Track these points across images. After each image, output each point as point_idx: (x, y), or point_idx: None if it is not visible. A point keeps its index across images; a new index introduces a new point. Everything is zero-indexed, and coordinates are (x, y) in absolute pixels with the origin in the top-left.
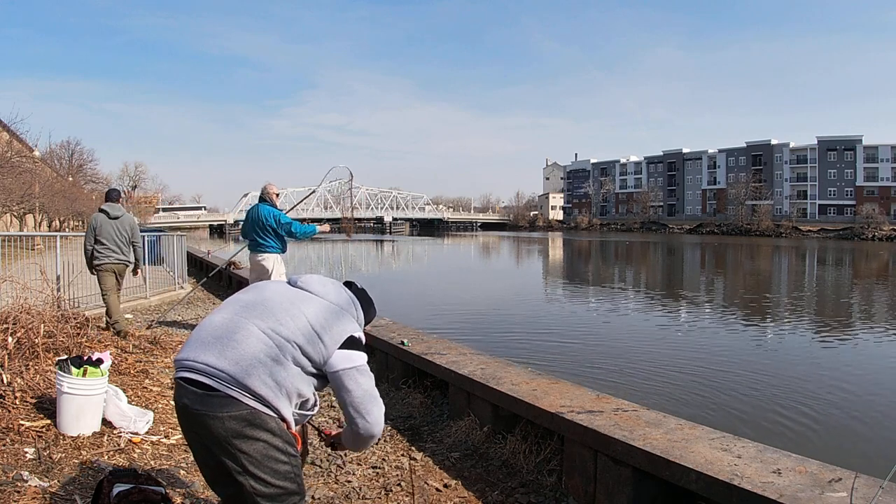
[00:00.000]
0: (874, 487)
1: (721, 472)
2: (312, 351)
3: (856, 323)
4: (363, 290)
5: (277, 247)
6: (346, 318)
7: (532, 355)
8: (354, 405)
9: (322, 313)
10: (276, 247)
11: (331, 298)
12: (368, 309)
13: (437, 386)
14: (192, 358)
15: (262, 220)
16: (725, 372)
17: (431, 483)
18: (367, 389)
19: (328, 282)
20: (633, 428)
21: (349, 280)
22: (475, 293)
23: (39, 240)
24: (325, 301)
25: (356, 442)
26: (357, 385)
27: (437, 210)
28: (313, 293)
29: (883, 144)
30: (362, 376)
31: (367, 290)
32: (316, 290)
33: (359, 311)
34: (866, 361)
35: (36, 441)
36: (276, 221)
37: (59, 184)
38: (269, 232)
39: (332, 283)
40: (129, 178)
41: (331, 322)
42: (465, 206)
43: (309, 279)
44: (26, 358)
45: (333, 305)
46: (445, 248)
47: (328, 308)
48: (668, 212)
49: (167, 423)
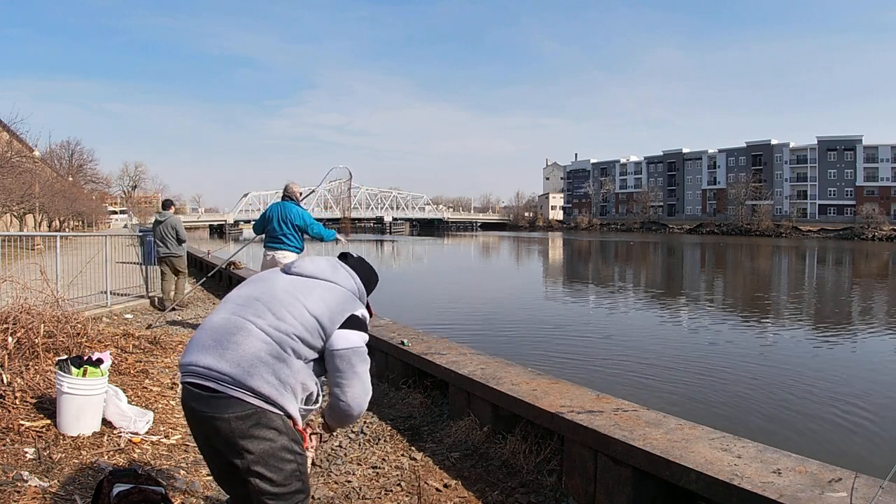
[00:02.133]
0: (874, 487)
1: (721, 472)
2: (313, 339)
3: (855, 323)
4: (360, 258)
5: (301, 246)
6: (346, 297)
7: (532, 355)
8: (342, 384)
9: (322, 298)
10: (299, 247)
11: (329, 278)
12: (370, 276)
13: (437, 386)
14: (194, 362)
15: (291, 219)
16: (725, 372)
17: (431, 483)
18: (360, 374)
19: (323, 261)
20: (633, 428)
21: (343, 252)
22: (475, 293)
23: (39, 240)
24: (324, 282)
25: (333, 415)
26: (351, 367)
27: (437, 210)
28: (310, 277)
29: (883, 144)
30: (358, 359)
31: (364, 258)
32: (313, 272)
33: (358, 284)
34: (866, 361)
35: (36, 441)
36: (306, 222)
37: (59, 184)
38: (295, 230)
39: (328, 261)
40: (129, 178)
41: (330, 304)
42: (465, 206)
43: (301, 264)
44: (26, 358)
45: (332, 285)
46: (445, 248)
47: (328, 290)
48: (668, 212)
49: (167, 423)
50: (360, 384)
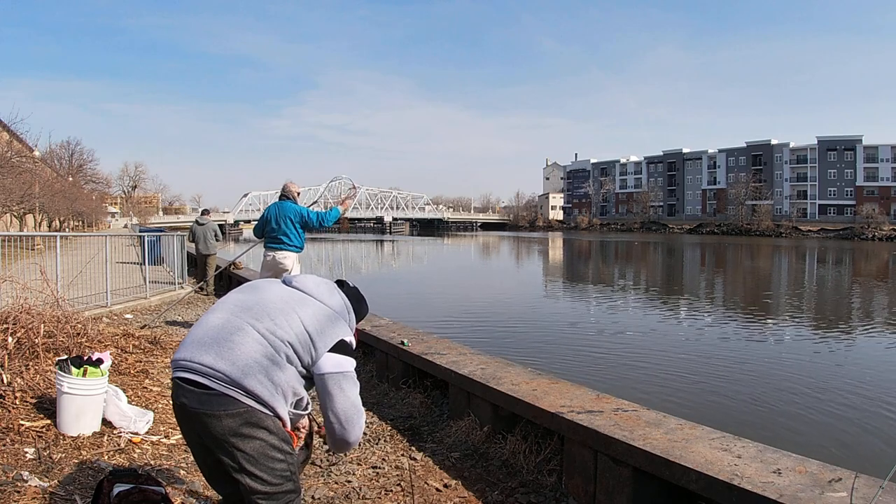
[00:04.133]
0: (874, 487)
1: (721, 472)
2: (304, 353)
3: (855, 322)
4: (355, 288)
5: (301, 245)
6: (339, 322)
7: (532, 355)
8: (335, 412)
9: (316, 316)
10: (299, 246)
11: (325, 301)
12: (360, 308)
13: (437, 386)
14: (190, 358)
15: (289, 216)
16: (726, 371)
17: (431, 483)
18: (350, 397)
19: (322, 283)
20: (634, 428)
21: (340, 279)
22: (475, 293)
23: (39, 240)
24: (319, 303)
25: (332, 442)
26: (341, 391)
27: (437, 210)
28: (308, 294)
29: (883, 144)
30: (347, 383)
31: (358, 289)
32: (311, 291)
33: (351, 315)
34: (866, 361)
35: (36, 441)
36: (302, 214)
37: (59, 184)
38: (294, 229)
39: (326, 284)
40: (129, 179)
41: (324, 325)
42: (465, 206)
43: (304, 280)
44: (26, 358)
45: (327, 308)
46: (445, 248)
47: (322, 311)
48: (668, 212)
49: (167, 423)
50: (353, 407)
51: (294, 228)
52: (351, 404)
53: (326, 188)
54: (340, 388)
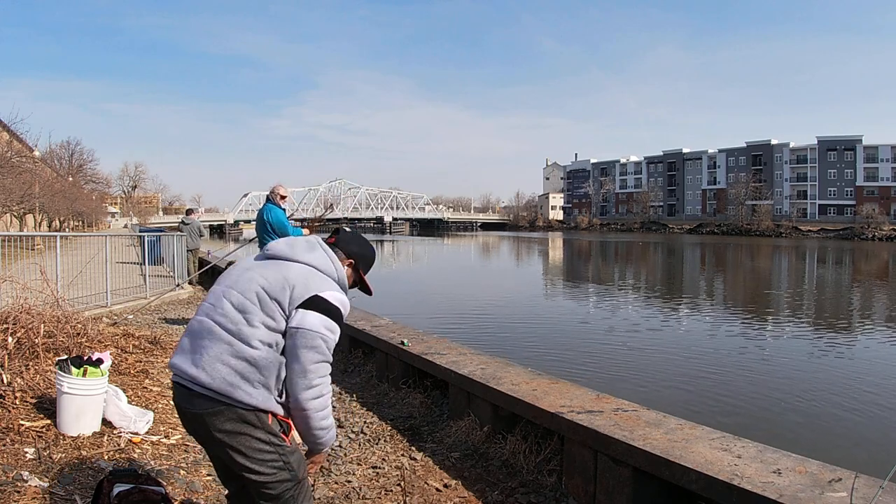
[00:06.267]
0: (874, 487)
1: (721, 472)
2: (276, 321)
3: (855, 323)
4: (352, 232)
5: None
6: (313, 276)
7: (532, 355)
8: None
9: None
10: None
11: (300, 258)
12: (364, 252)
13: (437, 386)
14: (174, 363)
15: (269, 220)
16: (726, 372)
17: (431, 483)
18: (303, 361)
19: (298, 242)
20: (633, 428)
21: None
22: (475, 293)
23: (39, 240)
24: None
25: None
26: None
27: (437, 210)
28: (279, 258)
29: (883, 144)
30: (303, 341)
31: (357, 232)
32: (283, 253)
33: (336, 265)
34: (866, 361)
35: (36, 441)
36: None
37: (59, 184)
38: (273, 231)
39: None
40: (129, 179)
41: (291, 282)
42: (465, 206)
43: (275, 245)
44: (26, 358)
45: (295, 264)
46: (445, 248)
47: (288, 268)
48: (668, 212)
49: (167, 423)
50: (302, 376)
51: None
52: (301, 370)
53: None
54: (294, 347)
